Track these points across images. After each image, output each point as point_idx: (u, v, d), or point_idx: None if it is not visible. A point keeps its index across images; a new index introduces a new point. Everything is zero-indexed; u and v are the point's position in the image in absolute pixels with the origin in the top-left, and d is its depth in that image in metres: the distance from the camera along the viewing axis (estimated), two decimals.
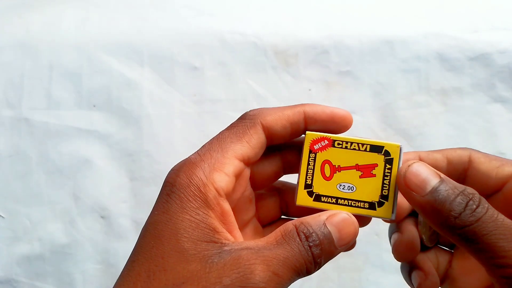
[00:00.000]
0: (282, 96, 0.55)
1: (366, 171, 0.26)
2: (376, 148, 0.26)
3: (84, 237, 0.51)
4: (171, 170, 0.25)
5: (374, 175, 0.25)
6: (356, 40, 0.56)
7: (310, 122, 0.27)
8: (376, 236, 0.50)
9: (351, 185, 0.26)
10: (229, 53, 0.56)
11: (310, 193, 0.26)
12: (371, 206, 0.25)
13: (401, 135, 0.54)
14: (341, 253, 0.24)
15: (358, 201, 0.25)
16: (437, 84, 0.54)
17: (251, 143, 0.25)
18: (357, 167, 0.26)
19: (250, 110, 0.27)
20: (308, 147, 0.26)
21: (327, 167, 0.26)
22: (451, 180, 0.23)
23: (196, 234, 0.22)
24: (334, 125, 0.27)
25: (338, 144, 0.26)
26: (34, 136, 0.54)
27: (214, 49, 0.56)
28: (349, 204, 0.25)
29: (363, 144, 0.26)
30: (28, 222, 0.51)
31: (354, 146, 0.26)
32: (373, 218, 0.26)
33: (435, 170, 0.23)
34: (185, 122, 0.54)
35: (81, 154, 0.53)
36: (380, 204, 0.25)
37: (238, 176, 0.25)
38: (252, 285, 0.20)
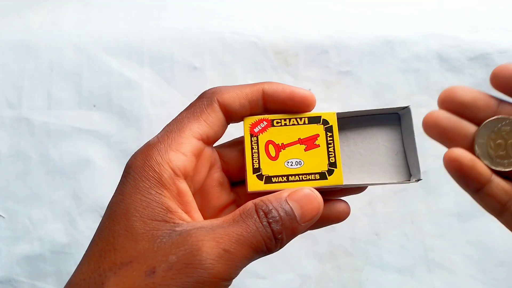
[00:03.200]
0: None
1: (309, 143, 0.26)
2: (314, 119, 0.26)
3: (84, 237, 0.51)
4: (132, 155, 0.25)
5: (318, 145, 0.26)
6: (356, 40, 0.56)
7: (269, 101, 0.26)
8: (376, 236, 0.50)
9: (298, 160, 0.26)
10: (229, 53, 0.56)
11: (260, 177, 0.25)
12: (322, 176, 0.25)
13: None
14: (341, 253, 0.24)
15: (308, 174, 0.25)
16: (437, 84, 0.54)
17: (209, 121, 0.25)
18: (300, 141, 0.26)
19: (209, 89, 0.27)
20: (248, 131, 0.26)
21: (271, 147, 0.26)
22: None
23: (147, 213, 0.22)
24: (294, 104, 0.26)
25: (277, 122, 0.26)
26: (34, 136, 0.54)
27: (214, 49, 0.56)
28: (300, 179, 0.25)
29: (301, 118, 0.26)
30: (28, 222, 0.51)
31: (293, 121, 0.26)
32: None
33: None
34: None
35: (81, 154, 0.53)
36: (330, 172, 0.25)
37: (197, 155, 0.25)
38: (199, 261, 0.20)
